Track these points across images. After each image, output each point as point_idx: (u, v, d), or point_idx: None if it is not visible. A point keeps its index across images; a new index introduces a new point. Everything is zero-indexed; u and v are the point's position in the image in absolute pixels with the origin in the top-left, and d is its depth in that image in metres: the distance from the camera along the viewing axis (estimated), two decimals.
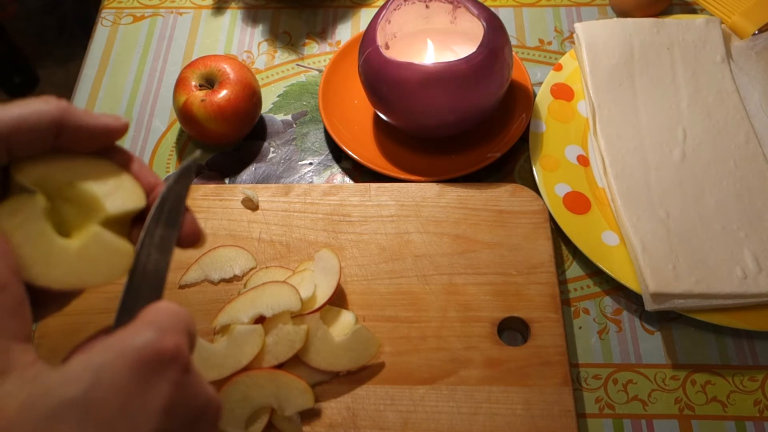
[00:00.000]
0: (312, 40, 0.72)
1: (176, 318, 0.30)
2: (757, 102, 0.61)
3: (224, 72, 0.61)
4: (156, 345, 0.28)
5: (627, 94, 0.61)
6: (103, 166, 0.34)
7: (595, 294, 0.56)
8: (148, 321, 0.29)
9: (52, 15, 1.81)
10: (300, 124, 0.66)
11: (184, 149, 0.65)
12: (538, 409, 0.48)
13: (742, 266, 0.52)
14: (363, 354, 0.49)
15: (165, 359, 0.28)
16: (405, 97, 0.55)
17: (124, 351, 0.27)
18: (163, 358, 0.28)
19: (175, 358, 0.28)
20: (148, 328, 0.28)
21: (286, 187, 0.58)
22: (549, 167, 0.59)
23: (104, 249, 0.32)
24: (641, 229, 0.54)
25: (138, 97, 0.69)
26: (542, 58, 0.69)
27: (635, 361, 0.52)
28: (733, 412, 0.50)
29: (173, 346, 0.28)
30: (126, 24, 0.74)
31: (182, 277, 0.54)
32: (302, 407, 0.47)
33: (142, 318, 0.29)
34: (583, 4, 0.73)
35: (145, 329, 0.28)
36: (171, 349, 0.28)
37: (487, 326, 0.51)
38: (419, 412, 0.48)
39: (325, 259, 0.52)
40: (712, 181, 0.56)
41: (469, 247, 0.55)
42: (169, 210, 0.34)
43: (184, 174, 0.35)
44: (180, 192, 0.35)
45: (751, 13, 0.66)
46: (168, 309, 0.30)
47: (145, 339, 0.28)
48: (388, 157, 0.61)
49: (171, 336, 0.28)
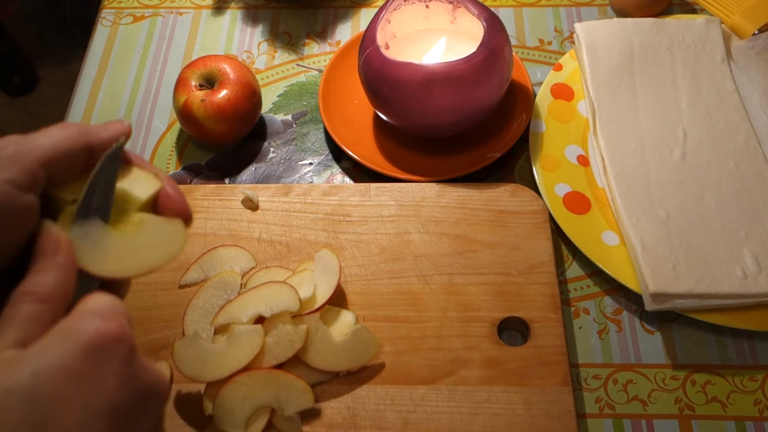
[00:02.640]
0: (312, 40, 0.72)
1: (114, 305, 0.32)
2: (757, 102, 0.61)
3: (224, 72, 0.61)
4: (101, 328, 0.30)
5: (627, 94, 0.61)
6: None
7: (595, 294, 0.56)
8: (88, 309, 0.31)
9: (52, 15, 1.81)
10: (300, 124, 0.66)
11: (184, 149, 0.65)
12: (538, 409, 0.48)
13: (742, 266, 0.52)
14: (363, 354, 0.49)
15: (112, 339, 0.30)
16: (405, 97, 0.55)
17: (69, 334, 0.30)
18: (110, 338, 0.30)
19: (121, 337, 0.30)
20: (90, 315, 0.31)
21: (286, 187, 0.58)
22: (549, 167, 0.59)
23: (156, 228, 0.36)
24: (641, 229, 0.54)
25: (138, 97, 0.69)
26: (542, 58, 0.69)
27: (635, 361, 0.52)
28: (733, 412, 0.50)
29: (117, 326, 0.30)
30: (126, 24, 0.74)
31: (182, 277, 0.54)
32: (302, 407, 0.47)
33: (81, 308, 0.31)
34: (583, 4, 0.73)
35: (87, 316, 0.31)
36: (116, 329, 0.30)
37: (487, 326, 0.51)
38: (419, 412, 0.48)
39: (325, 259, 0.52)
40: (712, 181, 0.56)
41: (469, 247, 0.55)
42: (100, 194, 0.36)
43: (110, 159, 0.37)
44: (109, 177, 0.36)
45: (751, 13, 0.66)
46: (104, 297, 0.32)
47: (89, 324, 0.30)
48: (388, 157, 0.62)
49: (113, 319, 0.31)
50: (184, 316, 0.51)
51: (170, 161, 0.64)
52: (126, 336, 0.31)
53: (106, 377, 0.29)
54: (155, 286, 0.54)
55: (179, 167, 0.64)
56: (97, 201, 0.35)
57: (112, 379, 0.29)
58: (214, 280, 0.53)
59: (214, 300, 0.52)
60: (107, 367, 0.29)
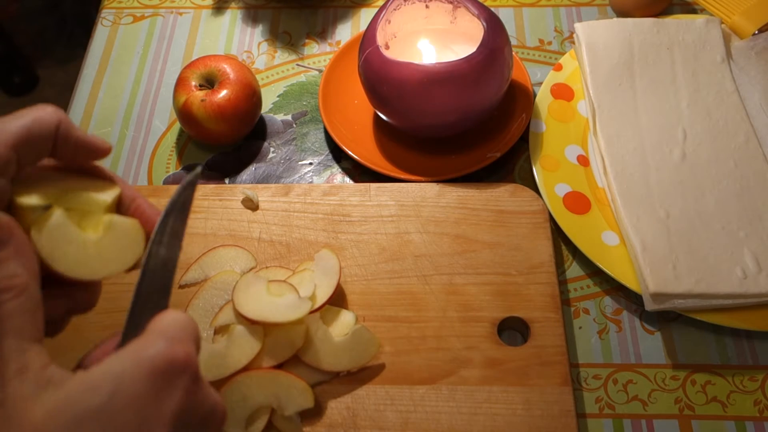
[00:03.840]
0: (312, 40, 0.72)
1: (185, 327, 0.31)
2: (757, 102, 0.61)
3: (224, 72, 0.61)
4: (169, 354, 0.30)
5: (627, 94, 0.61)
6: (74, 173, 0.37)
7: (595, 294, 0.56)
8: (160, 331, 0.31)
9: (52, 15, 1.81)
10: (300, 124, 0.66)
11: (184, 149, 0.65)
12: (538, 409, 0.48)
13: (742, 266, 0.52)
14: (363, 354, 0.49)
15: (177, 368, 0.30)
16: (405, 97, 0.55)
17: (140, 361, 0.29)
18: (176, 366, 0.30)
19: (186, 366, 0.30)
20: (161, 338, 0.30)
21: (286, 187, 0.58)
22: (549, 167, 0.59)
23: (122, 230, 0.36)
24: (641, 229, 0.54)
25: (138, 97, 0.69)
26: (542, 58, 0.69)
27: (635, 361, 0.52)
28: (733, 412, 0.50)
29: (184, 354, 0.30)
30: (126, 24, 0.74)
31: (182, 277, 0.54)
32: (302, 407, 0.47)
33: (153, 328, 0.31)
34: (583, 4, 0.73)
35: (158, 339, 0.30)
36: (183, 357, 0.30)
37: (487, 326, 0.51)
38: (419, 412, 0.48)
39: (325, 259, 0.52)
40: (712, 181, 0.56)
41: (469, 247, 0.55)
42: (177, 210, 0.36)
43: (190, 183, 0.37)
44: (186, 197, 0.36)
45: (751, 13, 0.66)
46: (177, 318, 0.31)
47: (158, 349, 0.30)
48: (388, 157, 0.62)
49: (182, 345, 0.30)
50: None
51: (170, 161, 0.64)
52: (191, 364, 0.30)
53: (168, 405, 0.29)
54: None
55: (179, 167, 0.64)
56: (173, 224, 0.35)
57: (173, 407, 0.29)
58: (214, 280, 0.53)
59: (214, 300, 0.52)
60: (170, 395, 0.29)
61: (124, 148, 0.65)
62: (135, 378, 0.29)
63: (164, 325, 0.31)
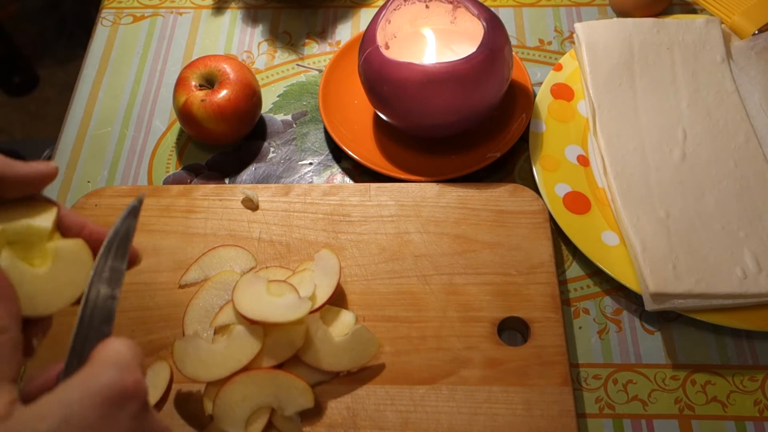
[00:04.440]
0: (312, 40, 0.72)
1: (132, 355, 0.32)
2: (757, 102, 0.61)
3: (224, 72, 0.61)
4: (119, 383, 0.30)
5: (627, 94, 0.61)
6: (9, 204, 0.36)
7: (595, 294, 0.56)
8: (107, 359, 0.31)
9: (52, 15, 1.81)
10: (300, 124, 0.66)
11: (184, 149, 0.65)
12: (538, 409, 0.48)
13: (742, 266, 0.52)
14: (363, 354, 0.49)
15: (127, 395, 0.30)
16: (405, 97, 0.55)
17: (90, 389, 0.29)
18: (126, 394, 0.30)
19: (135, 393, 0.30)
20: (110, 366, 0.31)
21: (286, 187, 0.58)
22: (549, 167, 0.59)
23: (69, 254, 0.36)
24: (641, 229, 0.54)
25: (138, 97, 0.69)
26: (542, 58, 0.69)
27: (635, 361, 0.52)
28: (733, 412, 0.50)
29: (134, 382, 0.31)
30: (126, 24, 0.74)
31: (182, 277, 0.54)
32: (302, 407, 0.47)
33: (99, 357, 0.31)
34: (583, 4, 0.73)
35: (107, 368, 0.30)
36: (132, 385, 0.30)
37: (487, 326, 0.51)
38: (419, 412, 0.48)
39: (325, 259, 0.52)
40: (712, 181, 0.56)
41: (469, 247, 0.55)
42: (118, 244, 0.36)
43: (132, 212, 0.37)
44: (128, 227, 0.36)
45: (751, 13, 0.66)
46: (123, 346, 0.32)
47: (108, 377, 0.30)
48: (388, 157, 0.62)
49: (130, 373, 0.31)
50: (184, 316, 0.51)
51: (170, 161, 0.64)
52: (140, 391, 0.31)
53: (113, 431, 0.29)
54: (155, 286, 0.54)
55: (179, 167, 0.64)
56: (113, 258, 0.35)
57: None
58: (214, 280, 0.53)
59: (214, 300, 0.52)
60: (119, 423, 0.30)
61: (124, 148, 0.65)
62: (85, 406, 0.29)
63: (111, 353, 0.31)
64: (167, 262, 0.55)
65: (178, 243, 0.56)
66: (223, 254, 0.55)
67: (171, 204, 0.58)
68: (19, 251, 0.35)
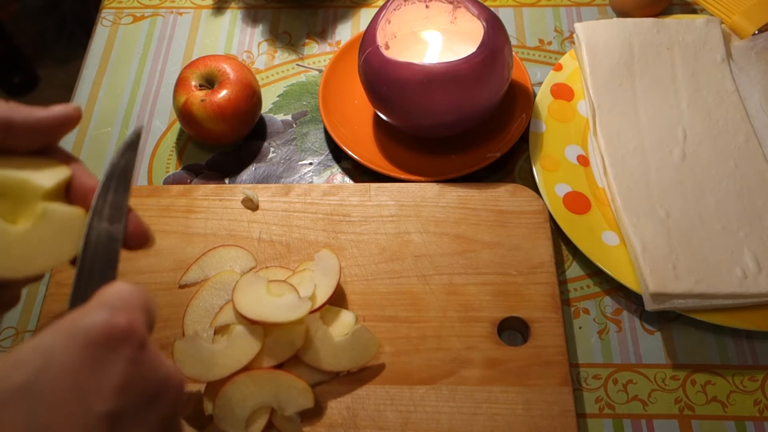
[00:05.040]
0: (312, 40, 0.72)
1: (130, 296, 0.29)
2: (757, 102, 0.61)
3: (224, 72, 0.61)
4: (107, 324, 0.28)
5: (627, 94, 0.61)
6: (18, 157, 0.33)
7: (595, 294, 0.55)
8: (100, 301, 0.29)
9: (52, 15, 1.81)
10: (300, 124, 0.66)
11: (184, 149, 0.65)
12: (538, 409, 0.48)
13: (742, 266, 0.52)
14: (363, 354, 0.49)
15: (117, 337, 0.28)
16: (405, 97, 0.55)
17: (74, 331, 0.27)
18: (115, 335, 0.28)
19: (128, 335, 0.28)
20: (100, 307, 0.28)
21: (286, 187, 0.58)
22: (549, 167, 0.59)
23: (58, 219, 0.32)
24: (641, 229, 0.54)
25: (138, 97, 0.69)
26: (542, 58, 0.69)
27: (635, 361, 0.52)
28: (733, 412, 0.50)
29: (126, 322, 0.28)
30: (126, 24, 0.74)
31: (182, 277, 0.54)
32: (302, 407, 0.47)
33: (94, 298, 0.29)
34: (583, 4, 0.73)
35: (96, 309, 0.28)
36: (123, 326, 0.28)
37: (487, 326, 0.51)
38: (419, 412, 0.48)
39: (325, 259, 0.52)
40: (712, 181, 0.56)
41: (469, 247, 0.55)
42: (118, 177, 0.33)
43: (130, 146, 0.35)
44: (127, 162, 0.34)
45: (751, 13, 0.66)
46: (121, 288, 0.30)
47: (96, 318, 0.28)
48: (388, 157, 0.62)
49: (123, 313, 0.28)
50: (184, 316, 0.51)
51: (170, 161, 0.64)
52: (134, 332, 0.28)
53: (108, 378, 0.27)
54: (155, 286, 0.54)
55: (179, 167, 0.64)
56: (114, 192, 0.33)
57: (115, 379, 0.27)
58: (214, 280, 0.53)
59: (214, 300, 0.52)
60: (110, 367, 0.27)
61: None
62: (66, 350, 0.27)
63: (107, 296, 0.29)
64: (167, 262, 0.55)
65: (178, 243, 0.56)
66: (223, 254, 0.55)
67: (171, 204, 0.58)
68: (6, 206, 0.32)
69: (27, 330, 0.55)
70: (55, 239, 0.32)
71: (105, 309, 0.28)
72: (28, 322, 0.56)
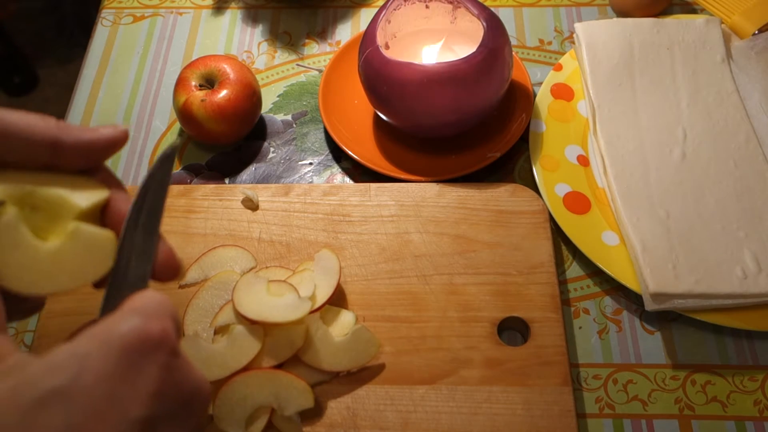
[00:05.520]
0: (312, 40, 0.72)
1: (161, 304, 0.30)
2: (757, 102, 0.61)
3: (224, 72, 0.61)
4: (142, 330, 0.28)
5: (627, 94, 0.61)
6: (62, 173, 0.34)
7: (595, 294, 0.56)
8: (133, 308, 0.29)
9: (52, 15, 1.81)
10: (300, 124, 0.66)
11: (184, 149, 0.65)
12: (538, 409, 0.48)
13: (742, 266, 0.52)
14: (363, 354, 0.49)
15: (152, 343, 0.28)
16: (405, 97, 0.55)
17: (110, 338, 0.27)
18: (150, 342, 0.28)
19: (161, 341, 0.28)
20: (133, 314, 0.28)
21: (286, 187, 0.58)
22: (549, 167, 0.59)
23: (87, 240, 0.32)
24: (641, 229, 0.54)
25: (138, 97, 0.69)
26: (542, 58, 0.69)
27: (635, 361, 0.52)
28: (733, 412, 0.50)
29: (159, 329, 0.28)
30: (126, 24, 0.74)
31: (182, 277, 0.54)
32: (302, 407, 0.47)
33: (126, 306, 0.29)
34: (583, 4, 0.73)
35: (130, 316, 0.28)
36: (157, 333, 0.28)
37: (487, 326, 0.51)
38: (419, 412, 0.48)
39: (325, 259, 0.52)
40: (712, 181, 0.56)
41: (469, 247, 0.55)
42: (152, 196, 0.34)
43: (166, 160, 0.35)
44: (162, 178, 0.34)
45: (751, 13, 0.66)
46: (152, 296, 0.30)
47: (130, 325, 0.28)
48: (388, 157, 0.62)
49: (156, 321, 0.28)
50: (184, 316, 0.51)
51: None
52: (168, 339, 0.28)
53: (142, 383, 0.27)
54: (155, 286, 0.54)
55: (179, 167, 0.64)
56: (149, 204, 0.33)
57: (149, 385, 0.27)
58: (214, 280, 0.53)
59: (214, 300, 0.52)
60: (145, 373, 0.27)
61: (124, 148, 0.65)
62: (103, 356, 0.27)
63: (138, 303, 0.29)
64: None
65: (178, 243, 0.56)
66: (223, 254, 0.55)
67: (171, 204, 0.58)
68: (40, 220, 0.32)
69: (27, 330, 0.55)
70: (82, 260, 0.32)
71: (138, 316, 0.28)
72: (27, 322, 0.56)
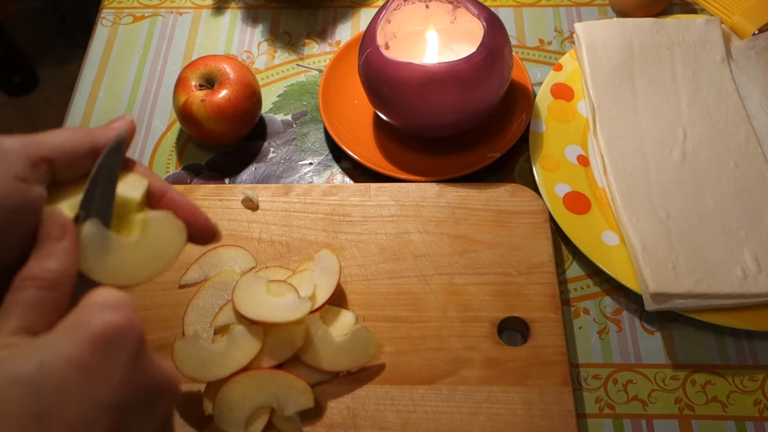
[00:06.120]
0: (312, 40, 0.72)
1: (122, 297, 0.31)
2: (757, 102, 0.61)
3: (224, 72, 0.61)
4: (112, 320, 0.29)
5: (627, 94, 0.61)
6: None
7: (595, 294, 0.56)
8: (96, 301, 0.30)
9: (52, 15, 1.81)
10: (300, 124, 0.66)
11: (184, 149, 0.65)
12: (538, 409, 0.48)
13: (742, 266, 0.52)
14: (363, 354, 0.49)
15: (121, 331, 0.29)
16: (405, 97, 0.55)
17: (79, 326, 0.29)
18: (120, 330, 0.29)
19: (130, 329, 0.30)
20: (100, 306, 0.30)
21: (286, 187, 0.58)
22: (549, 167, 0.59)
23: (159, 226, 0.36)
24: (641, 229, 0.54)
25: (138, 97, 0.69)
26: (542, 58, 0.69)
27: (635, 361, 0.52)
28: (733, 412, 0.50)
29: (126, 319, 0.30)
30: (126, 24, 0.74)
31: (182, 277, 0.54)
32: (302, 407, 0.47)
33: (88, 298, 0.30)
34: (583, 4, 0.73)
35: (97, 308, 0.30)
36: (125, 322, 0.29)
37: (487, 326, 0.51)
38: (419, 412, 0.48)
39: (325, 259, 0.52)
40: (712, 181, 0.56)
41: (469, 247, 0.55)
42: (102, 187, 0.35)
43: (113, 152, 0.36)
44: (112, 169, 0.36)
45: (751, 13, 0.66)
46: (111, 291, 0.31)
47: (97, 316, 0.29)
48: (388, 157, 0.62)
49: (121, 310, 0.30)
50: (184, 316, 0.51)
51: (170, 161, 0.64)
52: (135, 328, 0.30)
53: (112, 369, 0.29)
54: (155, 286, 0.54)
55: (179, 167, 0.64)
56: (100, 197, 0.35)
57: (119, 371, 0.29)
58: (214, 280, 0.53)
59: (214, 300, 0.52)
60: (114, 360, 0.29)
61: None
62: (71, 344, 0.28)
63: (101, 296, 0.30)
64: None
65: None
66: (223, 254, 0.55)
67: None
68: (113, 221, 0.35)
69: None
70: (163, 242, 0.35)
71: (105, 308, 0.30)
72: None
